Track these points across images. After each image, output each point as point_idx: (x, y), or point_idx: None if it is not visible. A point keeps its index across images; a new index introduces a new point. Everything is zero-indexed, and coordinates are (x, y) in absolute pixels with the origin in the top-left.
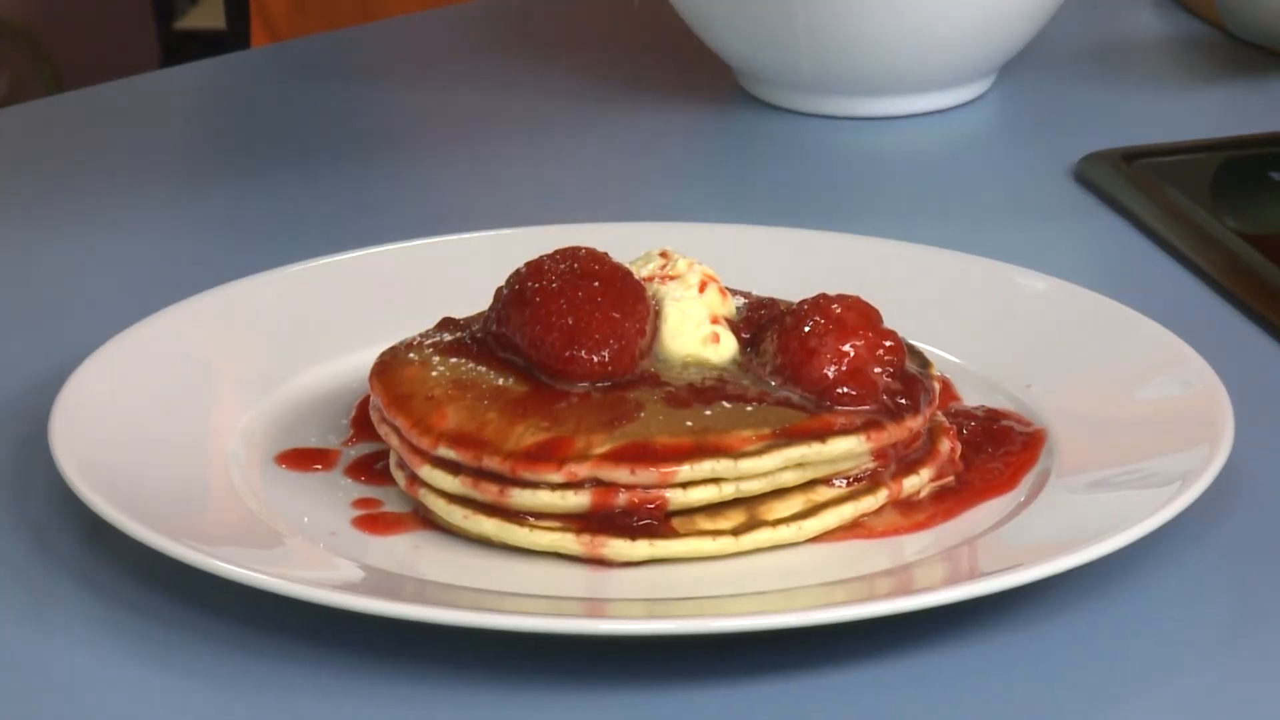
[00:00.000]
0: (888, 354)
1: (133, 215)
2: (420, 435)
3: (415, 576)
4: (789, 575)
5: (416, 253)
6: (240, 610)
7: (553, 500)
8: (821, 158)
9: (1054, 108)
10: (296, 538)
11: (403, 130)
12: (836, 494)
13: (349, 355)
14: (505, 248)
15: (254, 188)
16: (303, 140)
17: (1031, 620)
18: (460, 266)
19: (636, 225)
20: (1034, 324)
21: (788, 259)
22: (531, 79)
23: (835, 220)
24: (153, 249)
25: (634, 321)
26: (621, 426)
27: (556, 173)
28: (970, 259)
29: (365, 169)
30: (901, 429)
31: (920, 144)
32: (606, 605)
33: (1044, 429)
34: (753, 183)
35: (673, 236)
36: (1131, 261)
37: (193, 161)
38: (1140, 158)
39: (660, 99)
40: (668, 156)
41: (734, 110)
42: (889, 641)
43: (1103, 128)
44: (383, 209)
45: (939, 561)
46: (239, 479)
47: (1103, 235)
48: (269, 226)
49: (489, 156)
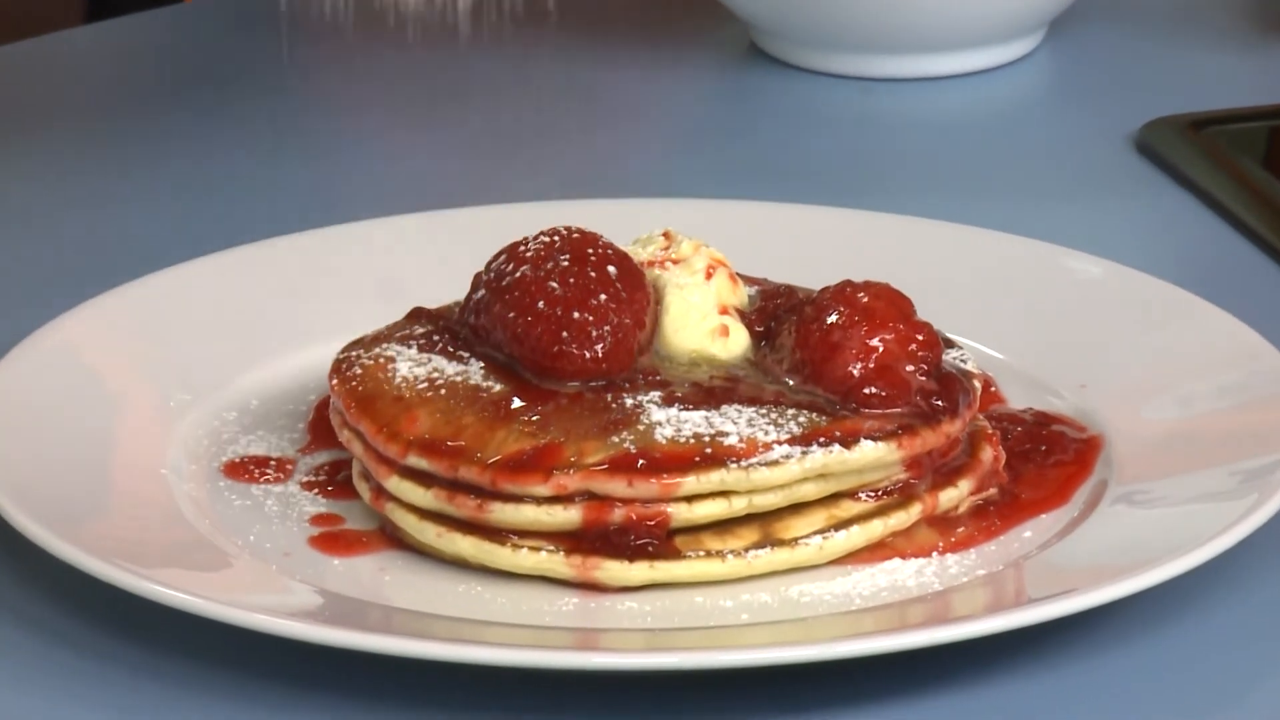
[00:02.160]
0: (921, 349)
1: (47, 193)
2: (387, 442)
3: (381, 603)
4: (809, 602)
5: (381, 232)
6: (183, 642)
7: (539, 516)
8: (847, 125)
9: (1112, 68)
10: (246, 559)
11: (365, 94)
12: (863, 509)
13: (305, 351)
14: (485, 227)
15: (191, 159)
16: (246, 105)
17: (1085, 654)
18: (434, 249)
19: (635, 202)
20: (1089, 315)
21: (808, 240)
22: (512, 34)
23: (862, 197)
24: (72, 231)
25: (632, 312)
26: (618, 432)
27: (543, 141)
28: (1016, 240)
29: (320, 138)
30: (937, 434)
31: (959, 109)
32: (600, 636)
33: (1100, 435)
34: (768, 154)
35: (676, 214)
36: (1200, 243)
37: (120, 129)
38: (1210, 125)
39: (663, 58)
40: (671, 123)
41: (747, 71)
42: (923, 678)
43: (1168, 91)
44: (341, 183)
45: (980, 586)
46: (179, 492)
47: (1167, 213)
48: (208, 203)
49: (465, 123)
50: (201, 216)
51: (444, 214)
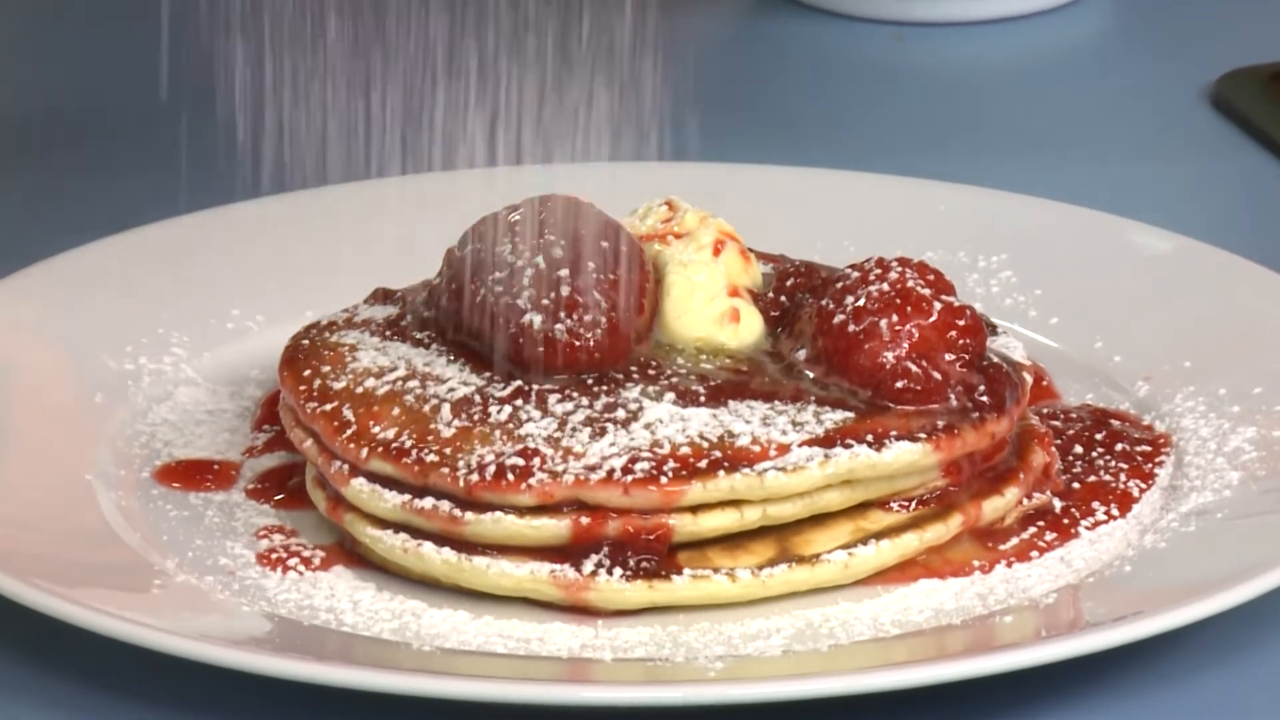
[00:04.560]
0: (962, 336)
1: None
2: (347, 444)
3: (339, 628)
4: (832, 628)
5: (340, 199)
6: (111, 674)
7: (521, 529)
8: (876, 76)
9: (1185, 11)
10: (182, 578)
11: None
12: (895, 520)
13: (252, 338)
14: (460, 194)
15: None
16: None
17: (1152, 688)
18: (400, 219)
19: (633, 165)
20: (1156, 296)
21: (831, 211)
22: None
23: (894, 160)
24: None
25: (628, 294)
26: (612, 432)
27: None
28: (1072, 210)
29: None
30: (981, 434)
31: (1008, 58)
32: (592, 667)
33: (1168, 434)
34: (787, 110)
35: (680, 180)
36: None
37: None
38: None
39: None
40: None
41: (763, 14)
42: (965, 715)
43: (1248, 38)
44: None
45: (1031, 609)
46: (106, 501)
47: (1247, 177)
48: (135, 168)
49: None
50: (130, 182)
51: (413, 179)
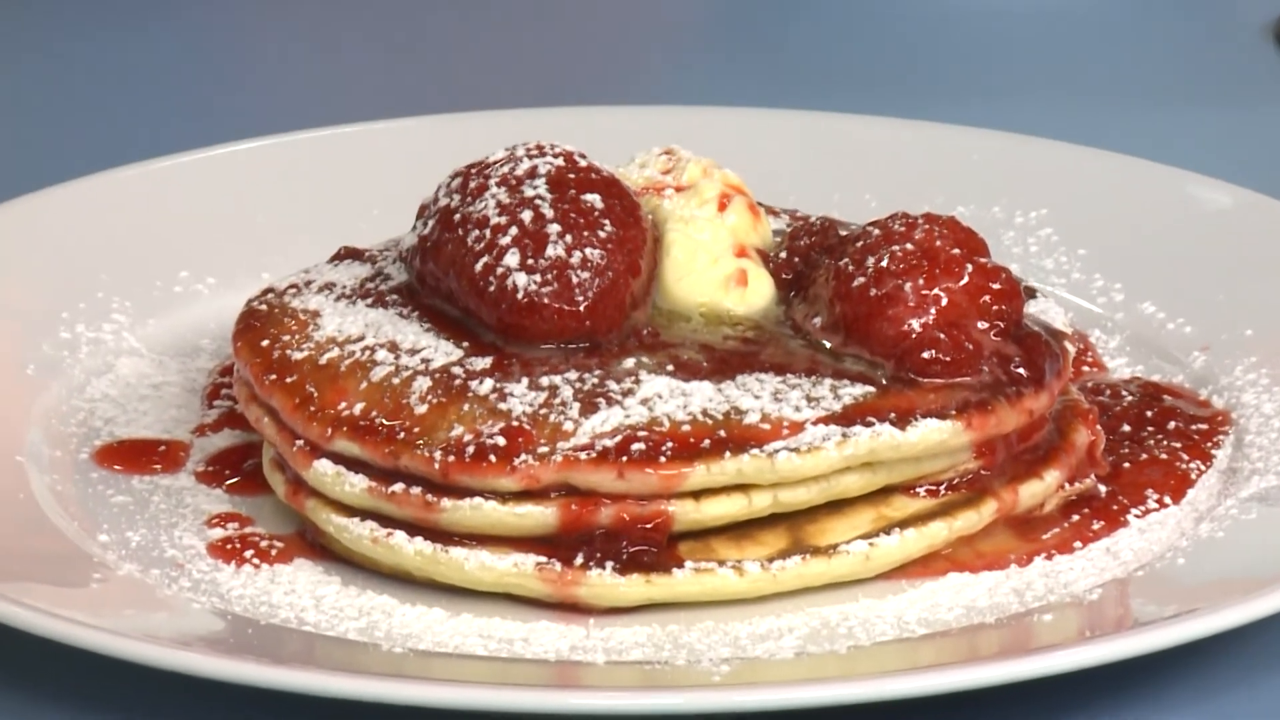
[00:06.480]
0: (997, 301)
1: None
2: (308, 422)
3: (300, 628)
4: (851, 627)
5: (302, 148)
6: (47, 678)
7: (503, 517)
8: (904, 12)
9: None
10: (125, 570)
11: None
12: (921, 507)
13: (202, 303)
14: (437, 141)
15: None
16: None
17: (1207, 692)
18: (368, 169)
19: (629, 110)
20: (1215, 257)
21: (850, 160)
22: None
23: (922, 104)
24: None
25: (623, 254)
26: (605, 408)
27: (517, 37)
28: (1122, 160)
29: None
30: (1017, 411)
31: None
32: (582, 671)
33: (1226, 411)
34: (802, 49)
35: (681, 126)
36: None
37: None
38: None
39: None
40: (674, 14)
41: None
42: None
43: None
44: (264, 88)
45: (1072, 606)
46: (39, 485)
47: None
48: (79, 108)
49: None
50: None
51: (383, 125)
